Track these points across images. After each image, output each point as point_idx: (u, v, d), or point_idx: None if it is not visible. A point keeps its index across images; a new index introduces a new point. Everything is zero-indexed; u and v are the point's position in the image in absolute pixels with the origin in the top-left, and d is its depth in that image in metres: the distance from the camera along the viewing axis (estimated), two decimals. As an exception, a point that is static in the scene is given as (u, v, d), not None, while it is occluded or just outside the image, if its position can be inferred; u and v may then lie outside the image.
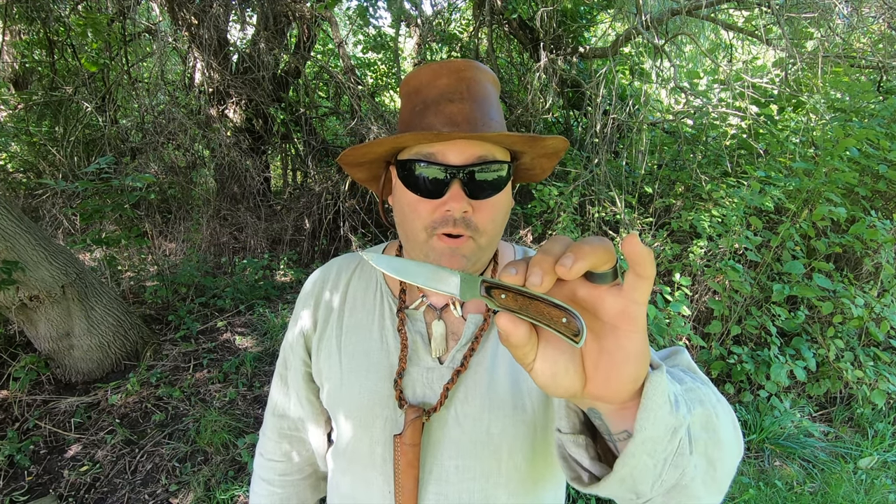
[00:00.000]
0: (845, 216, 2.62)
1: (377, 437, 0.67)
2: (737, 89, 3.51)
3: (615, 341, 0.35)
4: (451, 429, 0.65)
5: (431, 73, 0.65)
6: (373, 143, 0.62)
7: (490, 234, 0.65)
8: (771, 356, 2.65)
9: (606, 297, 0.35)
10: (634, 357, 0.35)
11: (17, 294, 2.38)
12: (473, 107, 0.63)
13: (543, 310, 0.34)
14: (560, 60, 4.18)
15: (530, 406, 0.66)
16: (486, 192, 0.62)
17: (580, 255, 0.32)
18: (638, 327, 0.35)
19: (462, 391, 0.66)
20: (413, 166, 0.62)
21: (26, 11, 4.01)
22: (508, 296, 0.35)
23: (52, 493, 2.04)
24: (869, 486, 2.39)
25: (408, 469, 0.63)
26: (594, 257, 0.32)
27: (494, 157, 0.63)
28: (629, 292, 0.34)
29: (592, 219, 3.81)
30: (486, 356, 0.68)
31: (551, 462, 0.70)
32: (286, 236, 4.67)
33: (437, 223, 0.62)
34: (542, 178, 0.76)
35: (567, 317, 0.33)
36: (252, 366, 2.91)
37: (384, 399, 0.67)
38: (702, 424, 0.42)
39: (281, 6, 4.33)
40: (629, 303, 0.34)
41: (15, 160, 4.87)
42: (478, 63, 0.66)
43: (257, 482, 0.84)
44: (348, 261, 0.80)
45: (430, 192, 0.62)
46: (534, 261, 0.34)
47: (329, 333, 0.74)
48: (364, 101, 4.56)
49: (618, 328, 0.35)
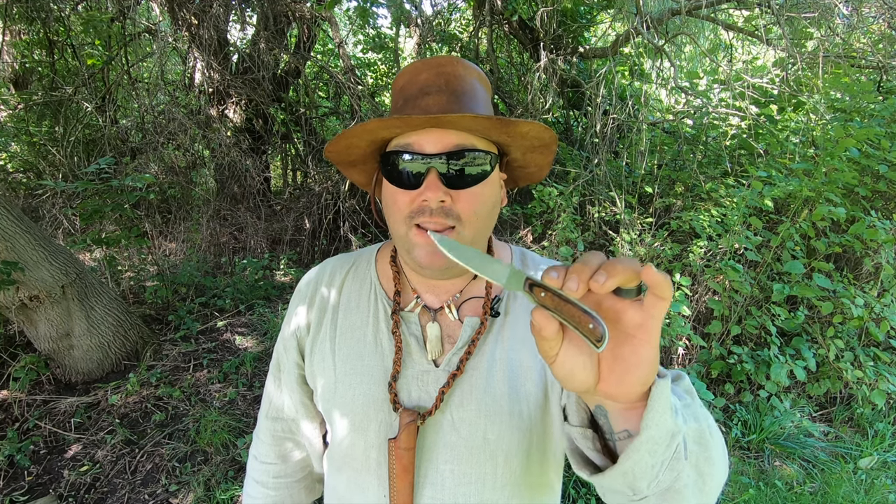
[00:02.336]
0: (845, 216, 2.62)
1: (371, 440, 0.66)
2: (737, 89, 3.50)
3: (631, 348, 0.40)
4: (447, 433, 0.65)
5: (414, 70, 0.66)
6: (347, 132, 0.62)
7: (475, 226, 0.63)
8: (771, 356, 2.65)
9: (628, 310, 0.40)
10: (646, 364, 0.40)
11: (17, 294, 2.38)
12: (451, 98, 0.62)
13: (574, 313, 0.38)
14: (560, 60, 4.18)
15: (527, 411, 0.65)
16: (465, 181, 0.61)
17: (612, 274, 0.36)
18: (653, 339, 0.40)
19: (458, 395, 0.65)
20: (393, 158, 0.62)
21: (26, 11, 4.01)
22: (547, 295, 0.40)
23: (52, 493, 2.04)
24: (869, 486, 2.38)
25: (403, 474, 0.62)
26: (623, 277, 0.37)
27: (474, 145, 0.61)
28: (649, 309, 0.39)
29: (592, 219, 3.81)
30: (483, 360, 0.67)
31: (547, 467, 0.70)
32: (286, 236, 4.67)
33: (414, 213, 0.61)
34: (541, 177, 0.75)
35: (594, 323, 0.38)
36: (252, 366, 2.91)
37: (378, 402, 0.66)
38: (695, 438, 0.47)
39: (281, 6, 4.33)
40: (648, 318, 0.39)
41: (15, 160, 4.87)
42: (462, 59, 0.66)
43: (251, 484, 0.83)
44: (342, 261, 0.79)
45: (408, 182, 0.61)
46: (573, 269, 0.38)
47: (323, 335, 0.73)
48: (364, 101, 4.56)
49: (635, 337, 0.40)
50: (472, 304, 0.71)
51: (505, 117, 0.58)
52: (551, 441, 0.68)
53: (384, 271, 0.75)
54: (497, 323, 0.69)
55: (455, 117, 0.57)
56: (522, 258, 0.78)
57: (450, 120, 0.58)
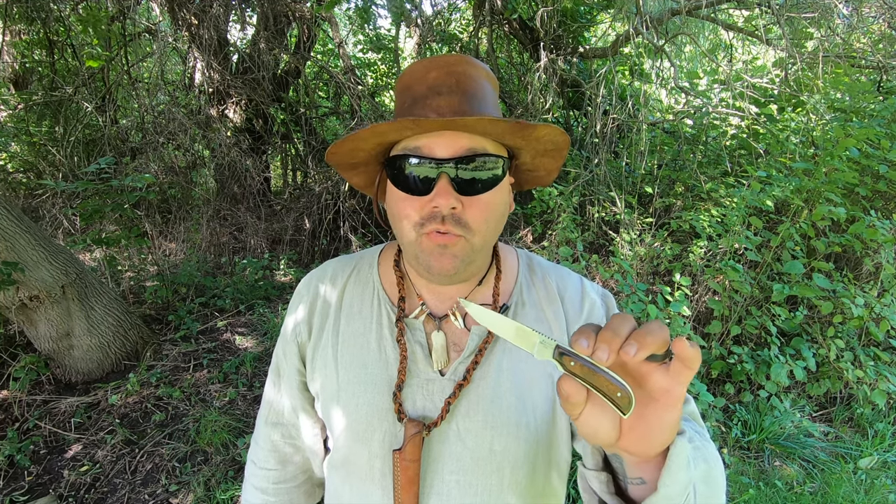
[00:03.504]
0: (845, 216, 2.62)
1: (375, 450, 0.65)
2: (737, 89, 3.51)
3: (654, 411, 0.41)
4: (453, 444, 0.63)
5: (422, 69, 0.62)
6: (354, 135, 0.59)
7: (484, 234, 0.60)
8: (771, 356, 2.65)
9: (655, 374, 0.40)
10: (669, 427, 0.41)
11: (17, 294, 2.38)
12: (463, 99, 0.59)
13: (603, 382, 0.39)
14: (560, 60, 4.18)
15: (534, 423, 0.64)
16: (476, 187, 0.58)
17: (643, 345, 0.37)
18: (677, 404, 0.40)
19: (464, 405, 0.64)
20: (400, 163, 0.59)
21: (26, 11, 4.01)
22: (577, 364, 0.40)
23: (52, 493, 2.04)
24: (869, 486, 2.38)
25: (408, 485, 0.61)
26: (655, 346, 0.37)
27: (486, 150, 0.59)
28: (676, 376, 0.39)
29: (592, 219, 3.81)
30: (490, 369, 0.65)
31: (552, 475, 0.69)
32: (286, 236, 4.66)
33: (425, 220, 0.59)
34: (549, 181, 0.72)
35: (622, 391, 0.39)
36: (252, 366, 2.91)
37: (383, 412, 0.64)
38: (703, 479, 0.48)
39: (281, 6, 4.33)
40: (675, 384, 0.39)
41: (15, 160, 4.87)
42: (471, 58, 0.63)
43: (250, 490, 0.80)
44: (343, 264, 0.76)
45: (417, 188, 0.58)
46: (602, 337, 0.38)
47: (325, 342, 0.71)
48: (364, 101, 4.56)
49: (658, 401, 0.41)
50: None
51: (523, 121, 0.56)
52: (557, 451, 0.68)
53: (387, 276, 0.73)
54: None
55: (472, 121, 0.54)
56: (529, 262, 0.76)
57: (465, 123, 0.55)
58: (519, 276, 0.73)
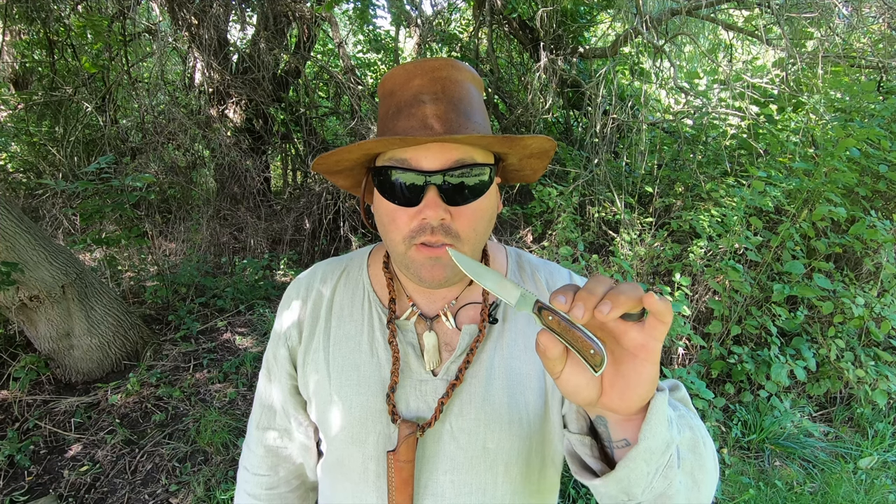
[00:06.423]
0: (845, 216, 2.62)
1: (370, 452, 0.65)
2: (737, 89, 3.51)
3: (633, 366, 0.42)
4: (447, 444, 0.64)
5: (405, 74, 0.61)
6: (342, 150, 0.58)
7: (473, 241, 0.61)
8: (771, 356, 2.65)
9: (630, 331, 0.41)
10: (647, 381, 0.42)
11: (17, 294, 2.38)
12: (448, 108, 0.59)
13: (578, 338, 0.41)
14: (560, 60, 4.18)
15: (527, 419, 0.65)
16: (465, 197, 0.59)
17: (616, 304, 0.38)
18: (653, 358, 0.41)
19: (457, 405, 0.64)
20: (387, 173, 0.59)
21: (26, 11, 4.01)
22: (554, 319, 0.42)
23: (52, 493, 2.04)
24: (869, 486, 2.38)
25: (402, 486, 0.61)
26: (627, 306, 0.38)
27: (473, 160, 0.59)
28: (650, 331, 0.40)
29: (592, 219, 3.81)
30: (481, 368, 0.66)
31: (546, 472, 0.69)
32: (286, 236, 4.66)
33: (414, 232, 0.59)
34: (535, 179, 0.73)
35: (594, 349, 0.41)
36: (252, 366, 2.91)
37: (376, 414, 0.65)
38: (689, 447, 0.50)
39: (281, 6, 4.33)
40: (650, 339, 0.41)
41: (15, 160, 4.87)
42: (456, 62, 0.62)
43: (242, 496, 0.79)
44: (333, 266, 0.76)
45: (405, 199, 0.58)
46: (579, 296, 0.40)
47: (316, 346, 0.70)
48: (364, 101, 4.56)
49: (636, 356, 0.42)
50: (468, 311, 0.69)
51: (511, 136, 0.56)
52: (550, 447, 0.68)
53: (377, 277, 0.73)
54: (495, 330, 0.68)
55: (462, 138, 0.54)
56: (518, 259, 0.77)
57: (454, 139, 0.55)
58: (508, 273, 0.74)
